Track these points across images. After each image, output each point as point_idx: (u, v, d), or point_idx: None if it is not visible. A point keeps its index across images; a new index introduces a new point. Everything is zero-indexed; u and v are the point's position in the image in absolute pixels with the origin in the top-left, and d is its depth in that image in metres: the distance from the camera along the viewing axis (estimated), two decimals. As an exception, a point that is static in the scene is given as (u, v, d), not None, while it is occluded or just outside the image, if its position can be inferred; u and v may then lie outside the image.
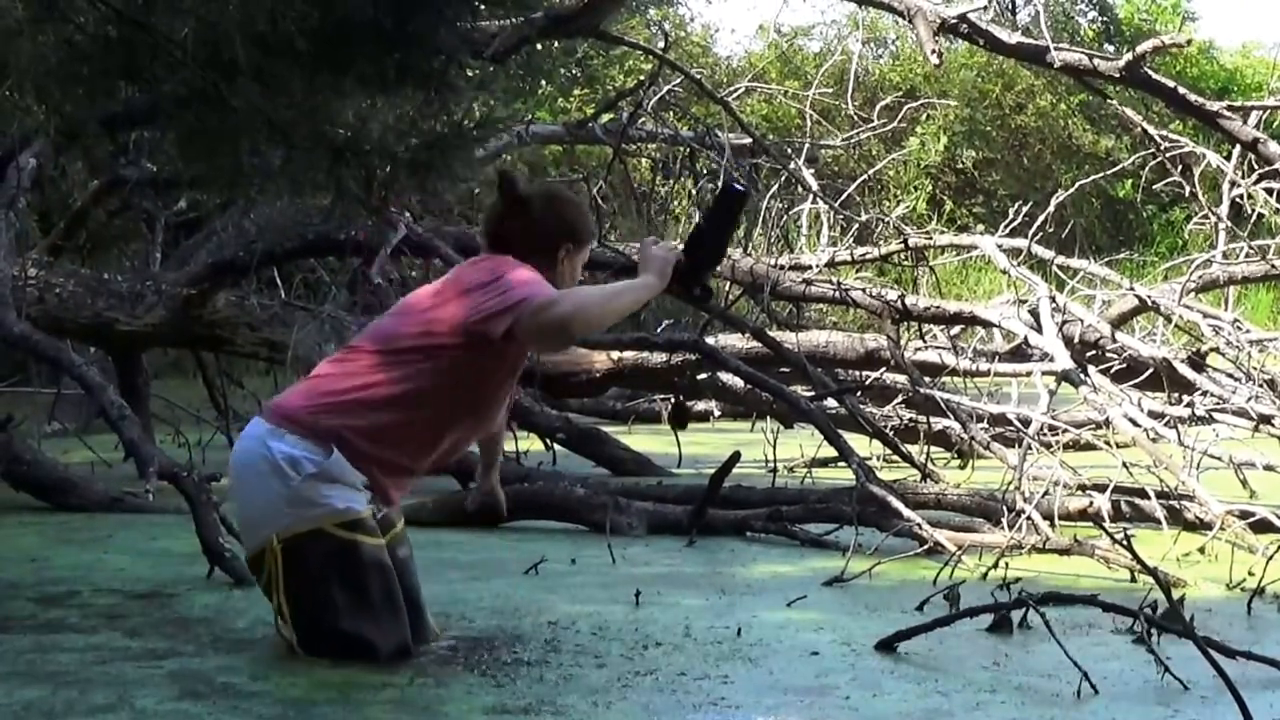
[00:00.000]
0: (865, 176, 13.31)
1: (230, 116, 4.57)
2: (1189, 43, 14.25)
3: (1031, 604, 4.17)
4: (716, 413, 10.13)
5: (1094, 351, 8.14)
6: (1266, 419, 7.40)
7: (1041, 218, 9.41)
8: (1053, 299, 7.65)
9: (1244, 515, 5.87)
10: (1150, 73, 7.30)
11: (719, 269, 3.84)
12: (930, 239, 9.60)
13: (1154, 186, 12.06)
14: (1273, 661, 3.82)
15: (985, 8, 7.62)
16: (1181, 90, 7.36)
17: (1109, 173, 13.72)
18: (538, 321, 3.70)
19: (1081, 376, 6.88)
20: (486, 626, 4.34)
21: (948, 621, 4.20)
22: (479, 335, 3.78)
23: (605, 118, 11.47)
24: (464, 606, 4.61)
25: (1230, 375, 8.15)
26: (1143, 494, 6.11)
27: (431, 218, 11.08)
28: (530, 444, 8.18)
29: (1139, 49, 7.23)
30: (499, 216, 4.03)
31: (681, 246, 3.93)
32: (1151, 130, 8.37)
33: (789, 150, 11.54)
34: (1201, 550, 5.68)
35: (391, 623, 3.86)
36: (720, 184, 4.26)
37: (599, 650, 4.08)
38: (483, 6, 5.79)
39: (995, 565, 5.19)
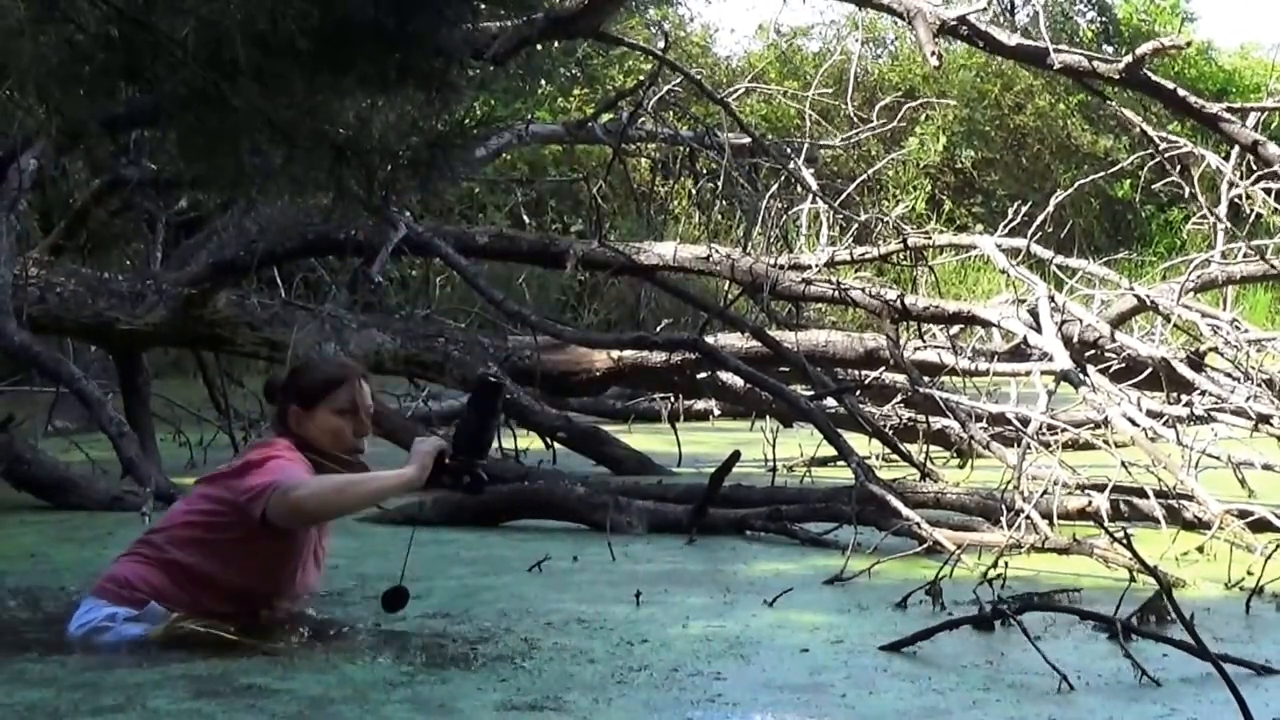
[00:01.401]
0: (864, 176, 13.30)
1: (231, 116, 4.58)
2: (1188, 44, 14.26)
3: (1009, 614, 4.17)
4: (716, 412, 10.15)
5: (1093, 351, 8.15)
6: (1265, 418, 7.41)
7: (1040, 218, 9.42)
8: (1052, 299, 7.66)
9: (1242, 514, 5.88)
10: (1149, 74, 7.32)
11: (486, 457, 4.09)
12: (929, 239, 9.60)
13: (1153, 187, 12.08)
14: (1248, 663, 3.84)
15: (984, 9, 7.63)
16: (1181, 92, 7.38)
17: (1108, 173, 13.71)
18: (278, 506, 3.92)
19: (1080, 376, 6.89)
20: (490, 624, 4.36)
21: (950, 626, 4.20)
22: (246, 515, 3.99)
23: (605, 118, 11.48)
24: (467, 604, 4.62)
25: (1229, 375, 8.16)
26: (1141, 493, 6.12)
27: (432, 217, 11.11)
28: (531, 443, 8.20)
29: (1138, 51, 7.24)
30: (272, 398, 4.38)
31: (448, 443, 4.07)
32: (1150, 131, 8.37)
33: (788, 150, 11.54)
34: (1200, 549, 5.68)
35: None
36: (478, 379, 4.49)
37: (600, 647, 4.10)
38: (483, 7, 5.80)
39: (994, 564, 5.20)
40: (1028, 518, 5.62)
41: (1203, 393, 7.67)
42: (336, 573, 4.87)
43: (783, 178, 11.30)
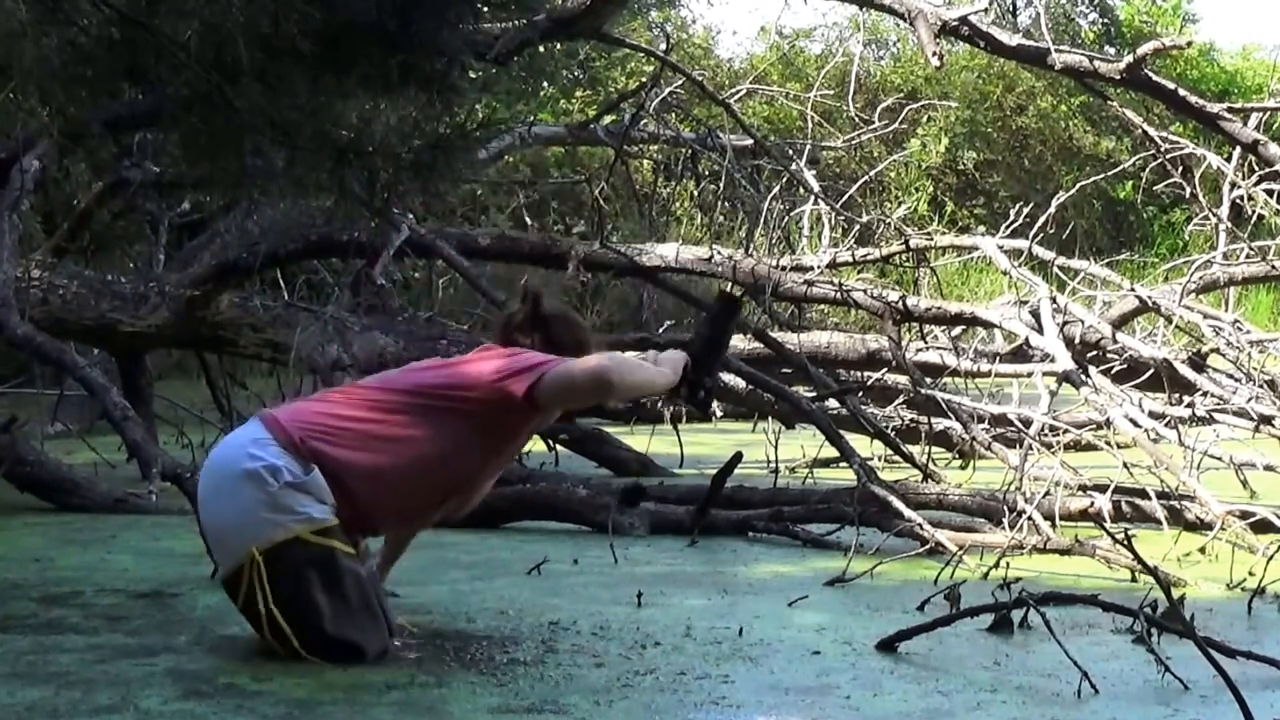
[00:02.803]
0: (866, 178, 13.31)
1: (233, 118, 4.59)
2: (1189, 45, 14.27)
3: (1032, 604, 4.18)
4: (719, 413, 10.14)
5: (1095, 352, 8.15)
6: (1267, 419, 7.41)
7: (1042, 219, 9.42)
8: (1053, 300, 7.66)
9: (1244, 515, 5.88)
10: (1151, 75, 7.32)
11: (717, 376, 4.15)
12: (931, 240, 9.60)
13: (1154, 188, 12.07)
14: (1272, 661, 3.83)
15: (986, 10, 7.63)
16: (1182, 92, 7.38)
17: (1109, 174, 13.71)
18: (570, 376, 3.88)
19: (1082, 377, 6.89)
20: (489, 626, 4.35)
21: (948, 621, 4.21)
22: (501, 393, 3.88)
23: (607, 119, 11.49)
24: (467, 607, 4.62)
25: (1231, 376, 8.16)
26: (1143, 494, 6.12)
27: (434, 219, 11.11)
28: (532, 444, 8.17)
29: (1139, 51, 7.25)
30: (518, 327, 4.18)
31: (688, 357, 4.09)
32: (1152, 132, 8.37)
33: (790, 152, 11.55)
34: (1202, 550, 5.69)
35: (373, 626, 3.89)
36: (719, 296, 4.54)
37: (601, 650, 4.09)
38: (485, 9, 5.81)
39: (996, 565, 5.20)
40: (1030, 519, 5.62)
41: (1205, 394, 7.67)
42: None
43: (785, 179, 11.30)
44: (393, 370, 4.29)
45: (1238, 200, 9.69)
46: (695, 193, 15.85)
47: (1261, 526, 5.78)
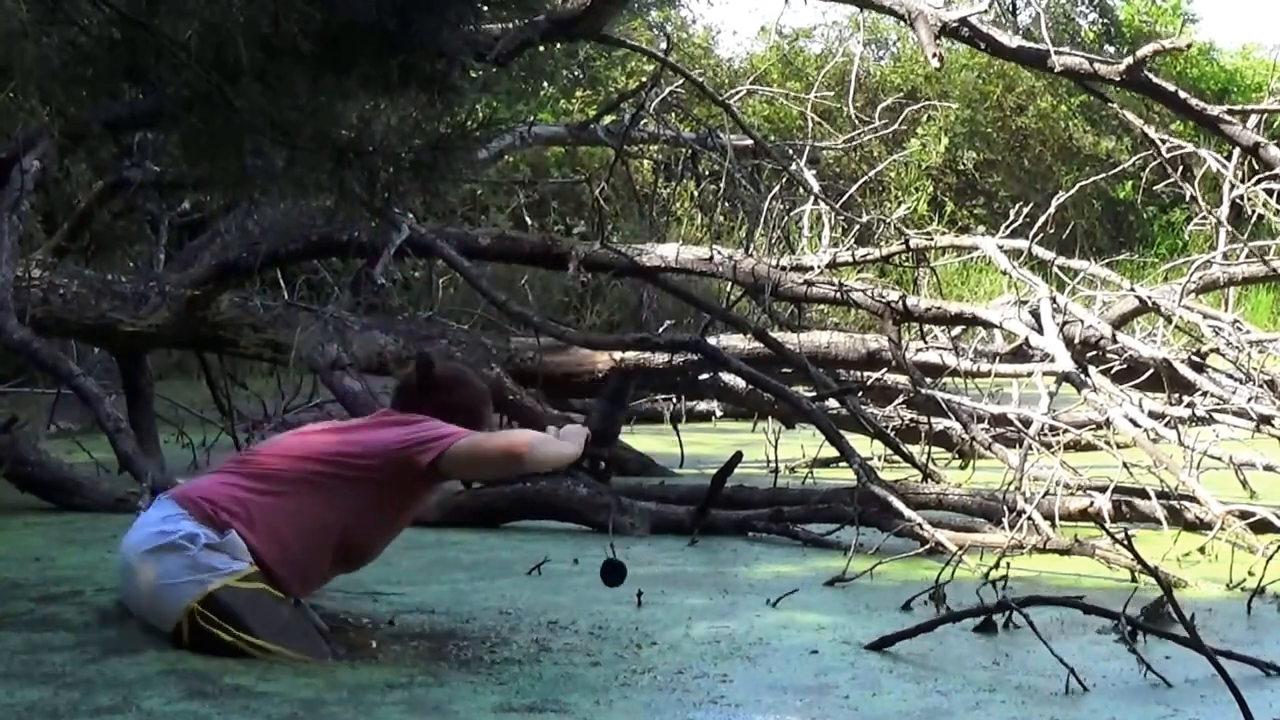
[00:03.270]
0: (866, 178, 13.31)
1: (234, 118, 4.59)
2: (1189, 46, 14.26)
3: (1015, 606, 4.18)
4: (718, 413, 10.15)
5: (1094, 352, 8.15)
6: (1266, 419, 7.41)
7: (1042, 219, 9.41)
8: (1053, 300, 7.66)
9: (1244, 515, 5.88)
10: (1151, 76, 7.33)
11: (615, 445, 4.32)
12: (931, 240, 9.60)
13: (1154, 188, 12.06)
14: (1252, 660, 3.84)
15: (986, 11, 7.63)
16: (1182, 94, 7.39)
17: (1109, 174, 13.70)
18: (480, 450, 3.95)
19: (1082, 377, 6.89)
20: (490, 626, 4.36)
21: (931, 627, 4.21)
22: (404, 463, 3.94)
23: (607, 119, 11.48)
24: (468, 606, 4.63)
25: (1230, 376, 8.16)
26: (1143, 494, 6.13)
27: (434, 219, 11.10)
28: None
29: (1139, 52, 7.25)
30: (412, 391, 4.23)
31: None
32: (1151, 132, 8.37)
33: (790, 151, 11.54)
34: (1202, 550, 5.69)
35: (315, 652, 3.93)
36: (613, 376, 4.74)
37: (601, 649, 4.10)
38: (486, 9, 5.81)
39: (996, 565, 5.20)
40: (1029, 519, 5.62)
41: (1204, 394, 7.67)
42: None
43: (785, 179, 11.30)
44: (289, 434, 4.34)
45: (1237, 200, 9.69)
46: (695, 193, 15.84)
47: (1261, 526, 5.78)
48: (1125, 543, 4.51)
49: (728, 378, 8.56)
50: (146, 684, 3.67)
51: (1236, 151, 8.72)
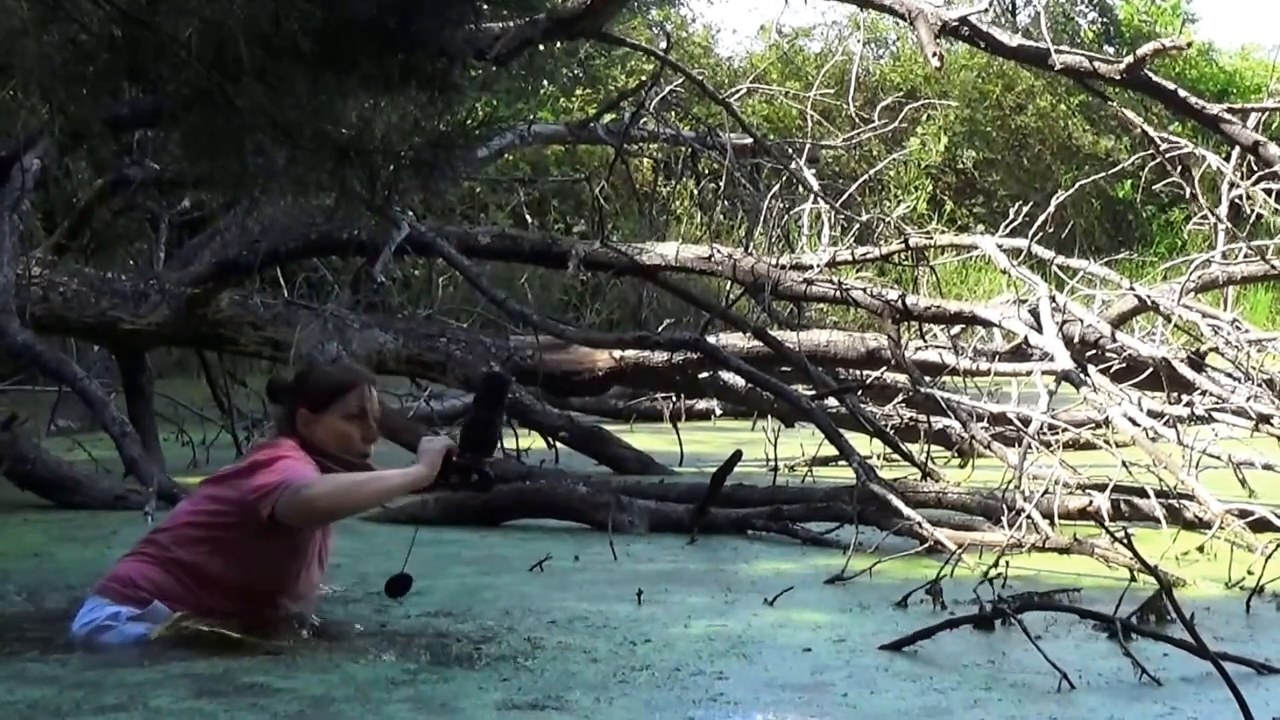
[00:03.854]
0: (866, 177, 13.32)
1: (234, 116, 4.59)
2: (1189, 45, 14.26)
3: (1009, 612, 4.18)
4: (718, 412, 10.16)
5: (1094, 351, 8.16)
6: (1265, 418, 7.43)
7: (1041, 218, 9.43)
8: (1053, 299, 7.67)
9: (1243, 514, 5.89)
10: (1150, 75, 7.33)
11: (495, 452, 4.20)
12: (931, 239, 9.62)
13: (1153, 187, 12.09)
14: (1248, 661, 3.84)
15: (986, 10, 7.64)
16: (1182, 93, 7.39)
17: (1109, 173, 13.73)
18: (288, 504, 3.91)
19: (1081, 376, 6.90)
20: (492, 623, 4.37)
21: (929, 634, 4.21)
22: (256, 512, 3.96)
23: (607, 118, 11.49)
24: (469, 603, 4.63)
25: (1229, 375, 8.17)
26: (1142, 493, 6.13)
27: (434, 217, 11.11)
28: (533, 442, 8.21)
29: (1139, 52, 7.25)
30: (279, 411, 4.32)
31: (455, 440, 4.06)
32: (1151, 131, 8.38)
33: (790, 150, 11.55)
34: (1200, 549, 5.70)
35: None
36: (483, 376, 4.48)
37: (602, 647, 4.10)
38: (486, 8, 5.82)
39: (995, 564, 5.21)
40: (1029, 517, 5.63)
41: (1203, 393, 7.68)
42: (339, 571, 4.88)
43: (784, 178, 11.31)
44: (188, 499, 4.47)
45: (1236, 200, 9.70)
46: (695, 191, 15.84)
47: (1260, 525, 5.79)
48: (1124, 541, 4.52)
49: (727, 376, 8.56)
50: (154, 683, 3.67)
51: (1235, 151, 8.73)
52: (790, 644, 4.20)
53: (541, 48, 8.14)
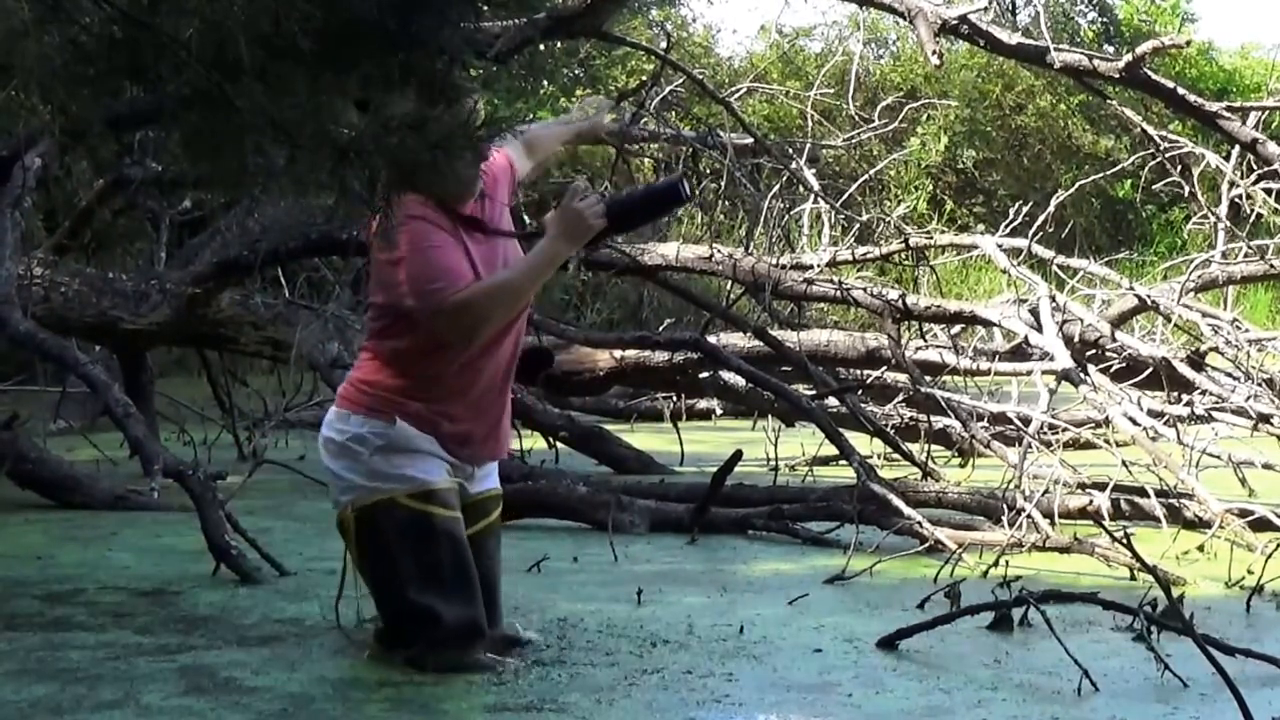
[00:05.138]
0: (866, 176, 13.31)
1: (235, 116, 4.58)
2: (1188, 44, 14.27)
3: (1032, 601, 4.19)
4: (718, 411, 10.16)
5: (1094, 351, 8.16)
6: (1265, 418, 7.43)
7: (1041, 218, 9.43)
8: (1053, 298, 7.67)
9: (1243, 514, 5.89)
10: (1150, 74, 7.32)
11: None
12: (931, 239, 9.61)
13: (1153, 187, 12.07)
14: (1271, 659, 3.84)
15: (985, 9, 7.63)
16: (1181, 91, 7.38)
17: (1109, 173, 13.72)
18: (445, 330, 3.81)
19: (1081, 375, 6.90)
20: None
21: (949, 619, 4.23)
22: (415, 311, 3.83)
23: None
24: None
25: (1229, 374, 8.17)
26: (1142, 492, 6.14)
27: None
28: (533, 442, 8.21)
29: (1138, 50, 7.25)
30: None
31: (604, 212, 3.84)
32: (1151, 131, 8.38)
33: (790, 150, 11.53)
34: (1201, 548, 5.70)
35: (460, 596, 3.83)
36: (675, 175, 4.21)
37: (601, 648, 4.11)
38: (486, 7, 5.79)
39: (995, 563, 5.21)
40: (1029, 517, 5.63)
41: (1203, 392, 7.68)
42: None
43: (785, 178, 11.29)
44: None
45: (1236, 199, 9.70)
46: (696, 191, 15.84)
47: (1260, 525, 5.79)
48: (1124, 541, 4.53)
49: (728, 376, 8.56)
50: (147, 679, 3.69)
51: (1235, 150, 8.73)
52: (795, 644, 4.20)
53: (541, 47, 8.15)
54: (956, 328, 8.78)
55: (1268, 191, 8.96)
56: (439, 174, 3.64)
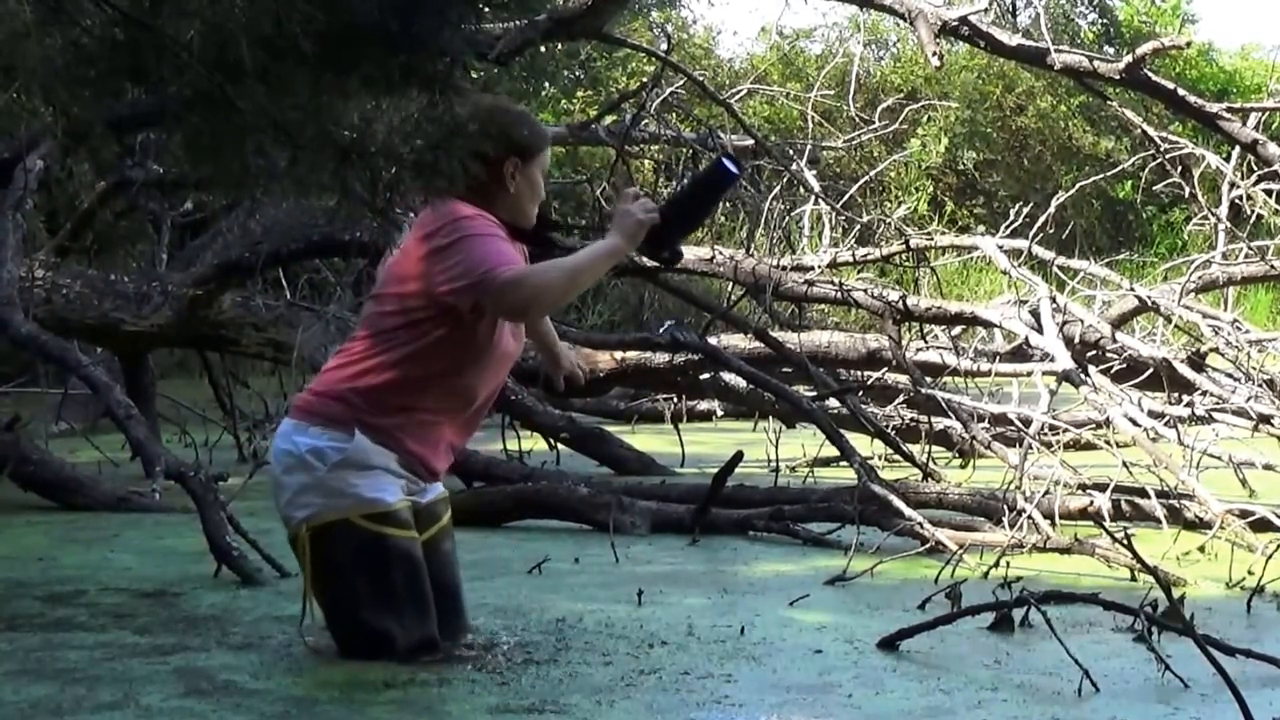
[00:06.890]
0: (867, 178, 13.32)
1: (236, 118, 4.59)
2: (1188, 45, 14.27)
3: (1033, 602, 4.19)
4: (719, 412, 10.17)
5: (1094, 351, 8.17)
6: (1266, 418, 7.43)
7: (1042, 219, 9.44)
8: (1053, 299, 7.68)
9: (1243, 514, 5.89)
10: (1150, 75, 7.34)
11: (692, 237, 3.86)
12: (931, 240, 9.63)
13: (1154, 188, 12.09)
14: (1272, 659, 3.84)
15: (986, 10, 7.65)
16: (1181, 92, 7.40)
17: (1109, 174, 13.74)
18: (501, 303, 3.76)
19: (1082, 376, 6.91)
20: (490, 625, 4.36)
21: (949, 620, 4.23)
22: (451, 306, 3.81)
23: (608, 119, 11.49)
24: (468, 605, 4.63)
25: (1230, 375, 8.18)
26: (1143, 493, 6.14)
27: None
28: (534, 443, 8.22)
29: (1139, 51, 7.26)
30: None
31: (658, 208, 3.85)
32: (1151, 132, 8.39)
33: (791, 152, 11.55)
34: (1201, 549, 5.70)
35: (415, 617, 3.85)
36: (718, 158, 4.17)
37: (602, 649, 4.11)
38: (487, 9, 5.81)
39: (996, 564, 5.22)
40: (1029, 518, 5.63)
41: (1204, 393, 7.69)
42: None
43: (785, 179, 11.31)
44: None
45: (1237, 200, 9.71)
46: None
47: (1260, 525, 5.79)
48: (1125, 542, 4.53)
49: (728, 377, 8.57)
50: (147, 680, 3.69)
51: (1236, 151, 8.74)
52: (795, 645, 4.20)
53: (542, 49, 8.16)
54: (957, 329, 8.80)
55: (1268, 192, 8.97)
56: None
